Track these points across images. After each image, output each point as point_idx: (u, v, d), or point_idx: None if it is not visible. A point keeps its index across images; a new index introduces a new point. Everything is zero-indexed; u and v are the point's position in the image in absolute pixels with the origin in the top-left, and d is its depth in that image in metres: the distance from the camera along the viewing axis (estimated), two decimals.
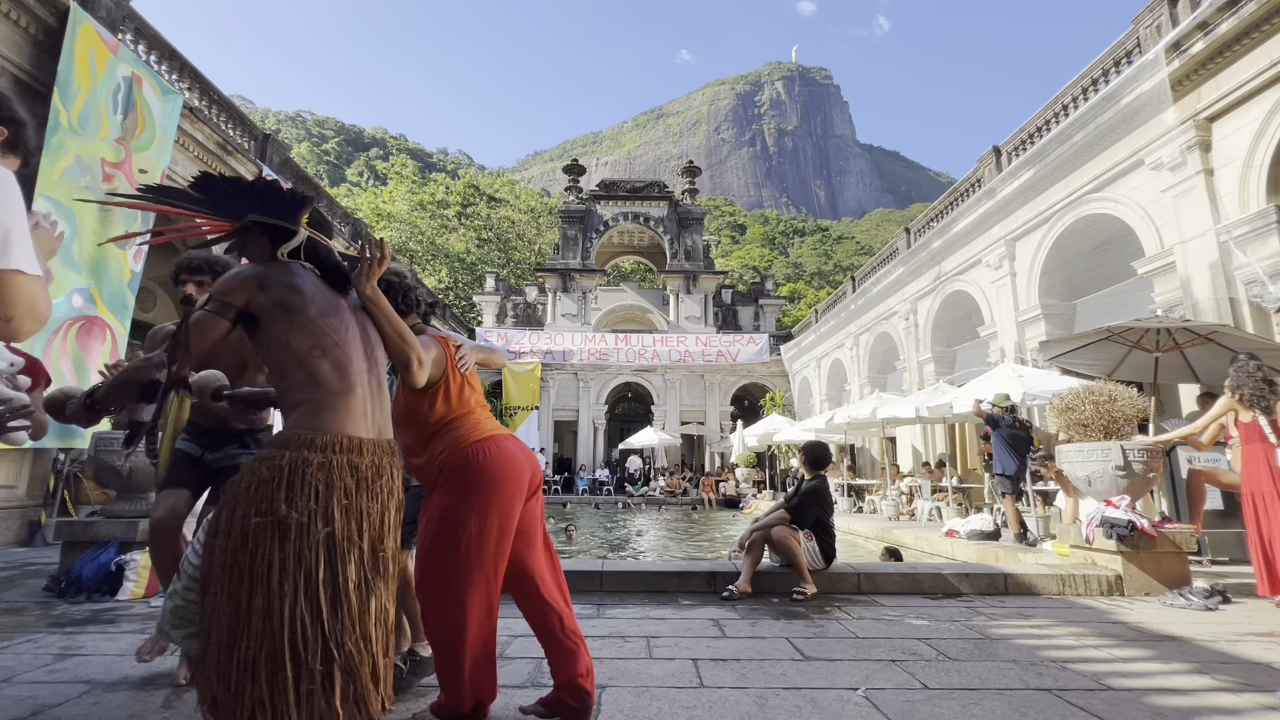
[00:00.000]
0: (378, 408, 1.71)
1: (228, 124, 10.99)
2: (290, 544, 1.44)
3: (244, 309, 1.61)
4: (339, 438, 1.57)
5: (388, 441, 1.71)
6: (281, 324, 1.60)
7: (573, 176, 28.97)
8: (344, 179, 75.48)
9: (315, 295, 1.67)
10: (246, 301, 1.61)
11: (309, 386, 1.59)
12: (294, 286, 1.64)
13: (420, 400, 2.00)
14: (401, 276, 2.14)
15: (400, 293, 2.11)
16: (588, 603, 3.92)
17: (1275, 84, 6.80)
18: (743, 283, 42.81)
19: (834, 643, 3.07)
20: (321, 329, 1.62)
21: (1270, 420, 4.00)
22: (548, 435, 24.24)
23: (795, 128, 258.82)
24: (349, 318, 1.72)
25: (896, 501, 11.96)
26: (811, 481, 4.63)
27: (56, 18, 7.26)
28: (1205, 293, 7.54)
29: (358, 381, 1.65)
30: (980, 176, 12.47)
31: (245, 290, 1.61)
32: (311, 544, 1.45)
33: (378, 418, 1.70)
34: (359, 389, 1.64)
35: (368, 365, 1.71)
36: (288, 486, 1.48)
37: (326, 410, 1.58)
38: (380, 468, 1.64)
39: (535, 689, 2.39)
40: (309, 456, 1.52)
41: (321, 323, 1.62)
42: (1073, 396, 4.96)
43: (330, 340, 1.62)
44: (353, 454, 1.58)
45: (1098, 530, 4.65)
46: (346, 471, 1.55)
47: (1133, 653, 2.98)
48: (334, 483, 1.52)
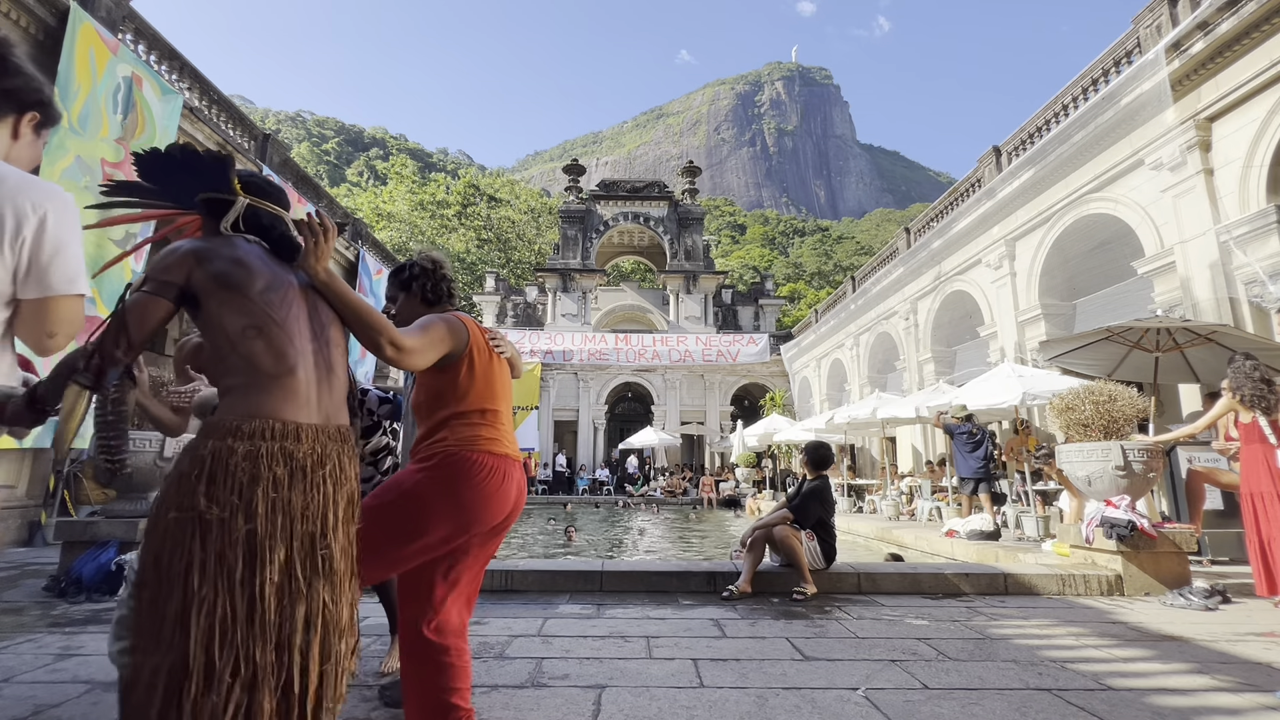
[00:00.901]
0: (326, 392, 1.55)
1: (228, 124, 10.99)
2: (211, 543, 1.30)
3: (184, 286, 1.46)
4: (270, 423, 1.42)
5: (337, 428, 1.55)
6: (218, 302, 1.45)
7: (573, 176, 28.98)
8: (344, 179, 75.51)
9: (260, 270, 1.51)
10: (186, 278, 1.46)
11: (242, 370, 1.45)
12: (237, 260, 1.49)
13: (442, 380, 1.86)
14: (439, 265, 2.08)
15: (429, 281, 2.04)
16: (588, 603, 3.92)
17: (1275, 84, 6.80)
18: (743, 283, 42.82)
19: (834, 643, 3.07)
20: (260, 307, 1.46)
21: (1270, 421, 4.00)
22: (547, 435, 24.26)
23: (795, 128, 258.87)
24: (294, 294, 1.56)
25: (896, 501, 11.96)
26: (814, 481, 4.64)
27: (56, 18, 7.26)
28: (1205, 293, 7.54)
29: (299, 363, 1.48)
30: (980, 176, 12.47)
31: (183, 266, 1.46)
32: (233, 542, 1.31)
33: (325, 403, 1.54)
34: (301, 371, 1.48)
35: (315, 346, 1.55)
36: (208, 479, 1.34)
37: (259, 394, 1.44)
38: (324, 456, 1.48)
39: (535, 689, 2.40)
40: (234, 445, 1.38)
41: (261, 300, 1.47)
42: (1073, 396, 4.96)
43: (268, 318, 1.46)
44: (287, 441, 1.42)
45: (1098, 530, 4.65)
46: (278, 461, 1.40)
47: (1133, 653, 2.98)
48: (260, 473, 1.37)
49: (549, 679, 2.51)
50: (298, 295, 1.56)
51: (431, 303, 2.05)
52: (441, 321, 1.82)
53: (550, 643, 3.03)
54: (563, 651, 2.89)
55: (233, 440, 1.38)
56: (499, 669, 2.62)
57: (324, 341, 1.59)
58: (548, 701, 2.27)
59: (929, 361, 14.62)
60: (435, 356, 1.78)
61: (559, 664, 2.71)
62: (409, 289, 2.07)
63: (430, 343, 1.76)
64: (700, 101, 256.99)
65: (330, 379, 1.57)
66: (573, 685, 2.44)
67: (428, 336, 1.76)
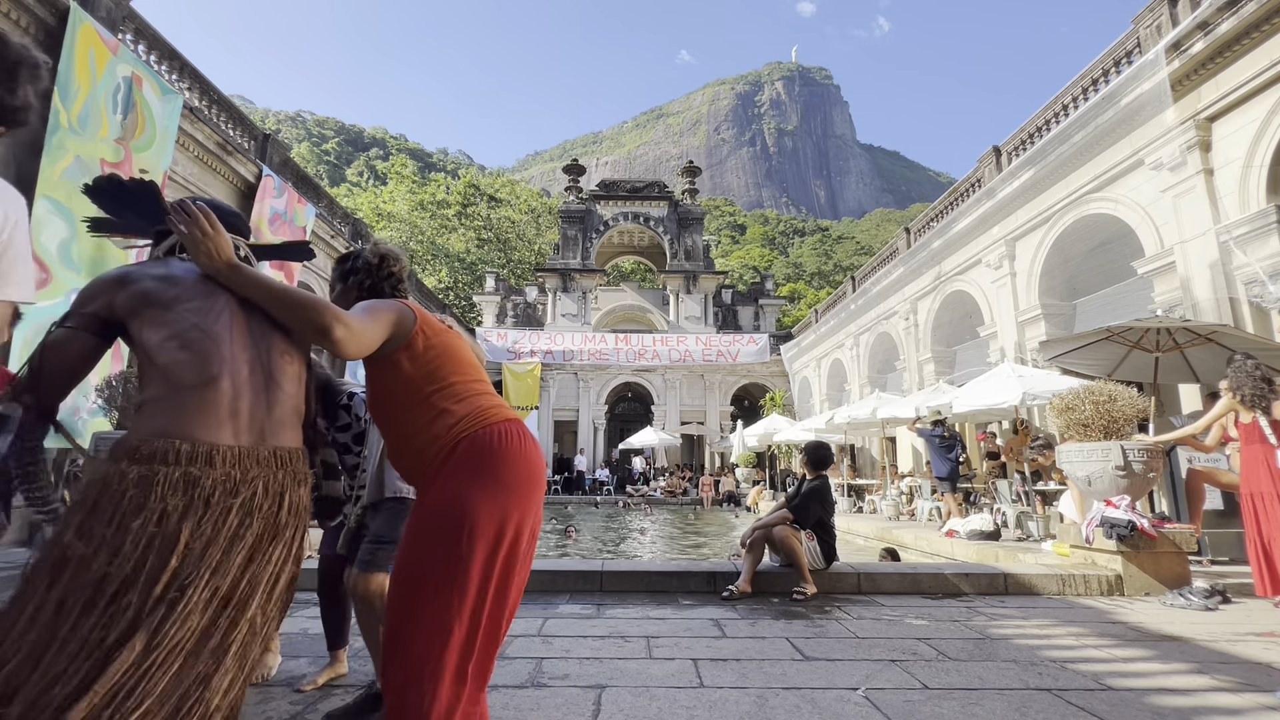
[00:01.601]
0: (261, 406, 1.34)
1: (228, 124, 10.99)
2: (59, 585, 1.09)
3: (108, 317, 1.32)
4: (176, 444, 1.21)
5: (272, 451, 1.32)
6: (140, 321, 1.30)
7: (573, 176, 28.99)
8: (344, 179, 75.53)
9: (189, 283, 1.37)
10: (107, 306, 1.31)
11: (157, 382, 1.27)
12: (162, 276, 1.35)
13: (386, 371, 1.60)
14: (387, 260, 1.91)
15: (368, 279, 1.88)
16: (588, 603, 3.92)
17: (1275, 84, 6.80)
18: (743, 283, 42.83)
19: (834, 643, 3.07)
20: (183, 316, 1.31)
21: (1270, 421, 4.00)
22: (547, 435, 24.27)
23: (795, 128, 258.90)
24: (229, 305, 1.39)
25: (896, 501, 11.96)
26: (814, 481, 4.64)
27: (56, 18, 7.25)
28: (1205, 293, 7.54)
29: (223, 371, 1.29)
30: (980, 176, 12.47)
31: (103, 293, 1.32)
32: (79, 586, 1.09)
33: (260, 419, 1.33)
34: (224, 381, 1.29)
35: (249, 355, 1.36)
36: (90, 509, 1.15)
37: (170, 409, 1.24)
38: (242, 482, 1.25)
39: (535, 689, 2.40)
40: (126, 469, 1.18)
41: (186, 309, 1.32)
42: (1073, 396, 4.96)
43: (192, 326, 1.30)
44: (194, 465, 1.20)
45: (1098, 530, 4.66)
46: (175, 489, 1.17)
47: (1133, 653, 2.98)
48: (149, 504, 1.15)
49: (549, 679, 2.51)
50: (235, 307, 1.40)
51: (384, 296, 1.87)
52: (389, 306, 1.62)
53: (550, 643, 3.03)
54: (562, 651, 2.89)
55: (126, 464, 1.18)
56: (499, 669, 2.62)
57: (265, 350, 1.41)
58: (548, 701, 2.27)
59: (929, 361, 14.62)
60: (383, 335, 1.55)
61: (559, 664, 2.71)
62: (347, 280, 1.92)
63: (374, 325, 1.53)
64: (700, 101, 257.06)
65: (271, 392, 1.38)
66: (572, 685, 2.44)
67: (371, 317, 1.53)
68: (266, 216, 11.30)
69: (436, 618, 1.43)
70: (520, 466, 1.55)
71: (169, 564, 1.15)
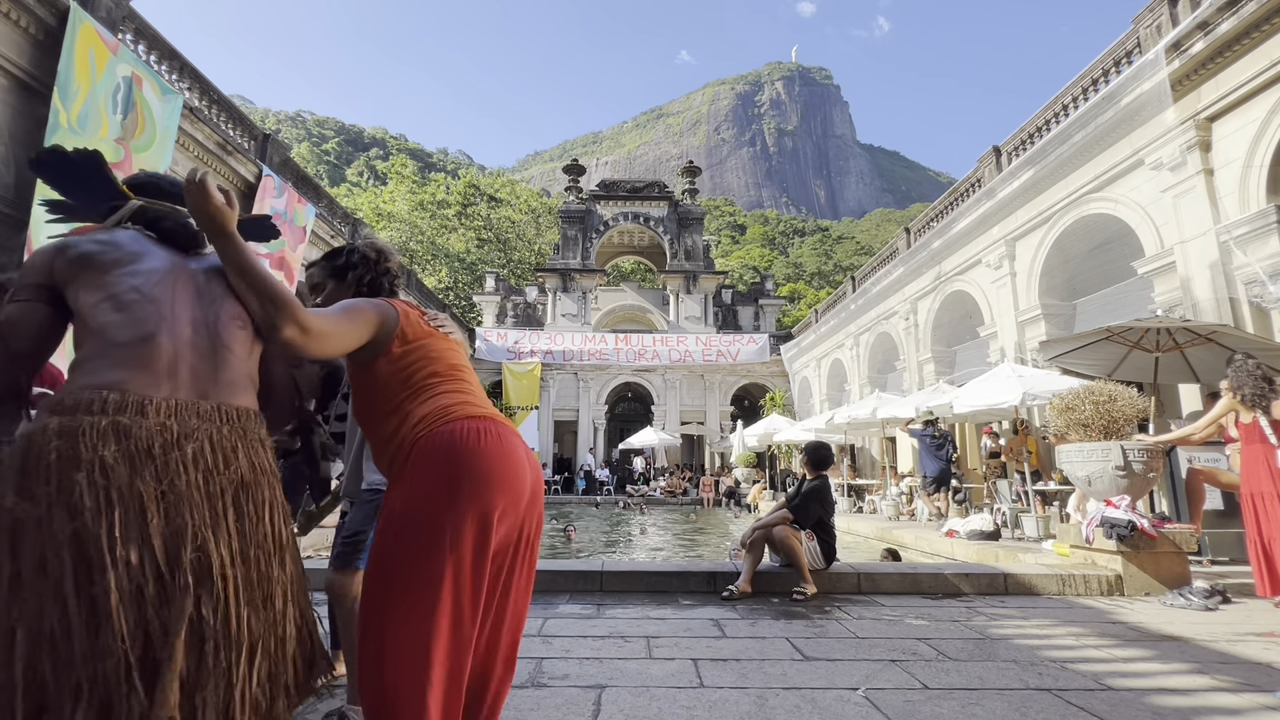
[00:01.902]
0: (207, 368, 1.28)
1: (228, 124, 10.99)
2: (29, 548, 1.05)
3: (52, 285, 1.28)
4: (103, 394, 1.14)
5: (217, 406, 1.26)
6: (77, 285, 1.26)
7: (573, 176, 29.00)
8: (344, 179, 75.52)
9: (131, 247, 1.32)
10: (48, 274, 1.28)
11: (90, 344, 1.21)
12: (102, 240, 1.31)
13: (365, 375, 1.52)
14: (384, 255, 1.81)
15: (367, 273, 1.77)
16: (588, 603, 3.92)
17: (1275, 84, 6.79)
18: (743, 283, 42.82)
19: (834, 643, 3.07)
20: (119, 281, 1.26)
21: (1271, 420, 4.00)
22: (547, 435, 24.26)
23: (795, 128, 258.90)
24: (177, 272, 1.35)
25: (896, 501, 11.96)
26: (814, 482, 4.64)
27: (56, 18, 7.25)
28: (1205, 293, 7.54)
29: (161, 330, 1.23)
30: (980, 176, 12.47)
31: (45, 263, 1.28)
32: (56, 546, 1.05)
33: (203, 378, 1.27)
34: (162, 338, 1.23)
35: (194, 317, 1.31)
36: (20, 468, 1.10)
37: (101, 364, 1.18)
38: (184, 435, 1.18)
39: (535, 689, 2.40)
40: (47, 422, 1.11)
41: (119, 273, 1.27)
42: (1073, 396, 4.96)
43: (129, 289, 1.25)
44: (123, 414, 1.13)
45: (1098, 530, 4.65)
46: (105, 439, 1.11)
47: (1133, 653, 2.98)
48: (80, 455, 1.09)
49: (549, 679, 2.51)
50: (183, 273, 1.36)
51: (372, 294, 1.76)
52: (370, 305, 1.52)
53: (550, 643, 3.03)
54: (562, 651, 2.89)
55: (49, 416, 1.13)
56: None
57: (214, 314, 1.35)
58: (548, 702, 2.27)
59: (929, 361, 14.62)
60: (354, 342, 1.45)
61: (559, 664, 2.71)
62: (343, 277, 1.79)
63: (351, 327, 1.43)
64: (700, 101, 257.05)
65: (218, 354, 1.31)
66: (573, 685, 2.44)
67: (348, 319, 1.44)
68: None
69: (407, 644, 1.30)
70: (483, 465, 1.39)
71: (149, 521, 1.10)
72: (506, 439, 1.47)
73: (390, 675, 1.29)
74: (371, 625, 1.34)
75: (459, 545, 1.33)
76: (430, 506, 1.35)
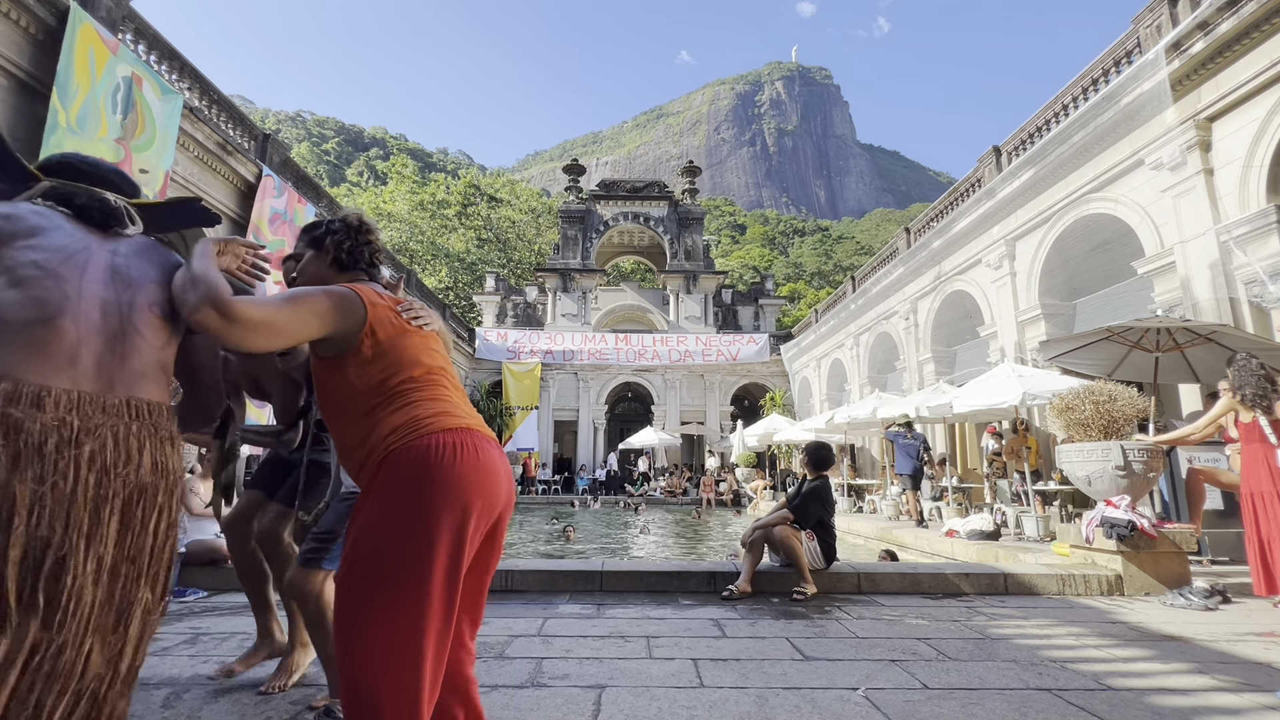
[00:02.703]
0: (114, 356, 1.19)
1: (228, 124, 10.99)
2: None
3: None
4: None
5: (125, 401, 1.17)
6: None
7: (573, 176, 29.00)
8: (344, 179, 75.52)
9: (35, 221, 1.22)
10: None
11: None
12: (6, 214, 1.21)
13: (330, 374, 1.41)
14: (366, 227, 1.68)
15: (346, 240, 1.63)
16: (588, 603, 3.92)
17: (1275, 84, 6.79)
18: (743, 283, 42.82)
19: (834, 643, 3.07)
20: (18, 255, 1.15)
21: (1271, 420, 4.00)
22: (547, 435, 24.26)
23: (795, 128, 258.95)
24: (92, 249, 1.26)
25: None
26: (814, 482, 4.64)
27: (56, 17, 7.25)
28: (1205, 293, 7.54)
29: (64, 312, 1.13)
30: (980, 176, 12.47)
31: None
32: None
33: (109, 368, 1.17)
34: (65, 321, 1.13)
35: (104, 298, 1.21)
36: None
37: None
38: (85, 432, 1.09)
39: (535, 689, 2.39)
40: None
41: (19, 246, 1.16)
42: (1073, 396, 4.96)
43: (29, 264, 1.14)
44: (15, 406, 1.04)
45: (1098, 530, 4.65)
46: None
47: (1133, 652, 2.98)
48: None
49: (549, 679, 2.51)
50: (97, 252, 1.26)
51: (345, 267, 1.64)
52: (324, 294, 1.37)
53: (550, 643, 3.03)
54: (563, 651, 2.89)
55: None
56: (499, 669, 2.62)
57: (128, 297, 1.25)
58: (548, 701, 2.27)
59: (929, 361, 14.62)
60: (300, 336, 1.31)
61: (559, 664, 2.70)
62: (320, 246, 1.65)
63: (294, 317, 1.29)
64: (700, 101, 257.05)
65: (128, 339, 1.21)
66: (573, 685, 2.44)
67: (291, 308, 1.29)
68: (266, 216, 11.29)
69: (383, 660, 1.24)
70: (457, 483, 1.31)
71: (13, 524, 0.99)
72: (484, 451, 1.40)
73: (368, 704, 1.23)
74: (348, 637, 1.27)
75: (430, 568, 1.26)
76: (401, 530, 1.27)
